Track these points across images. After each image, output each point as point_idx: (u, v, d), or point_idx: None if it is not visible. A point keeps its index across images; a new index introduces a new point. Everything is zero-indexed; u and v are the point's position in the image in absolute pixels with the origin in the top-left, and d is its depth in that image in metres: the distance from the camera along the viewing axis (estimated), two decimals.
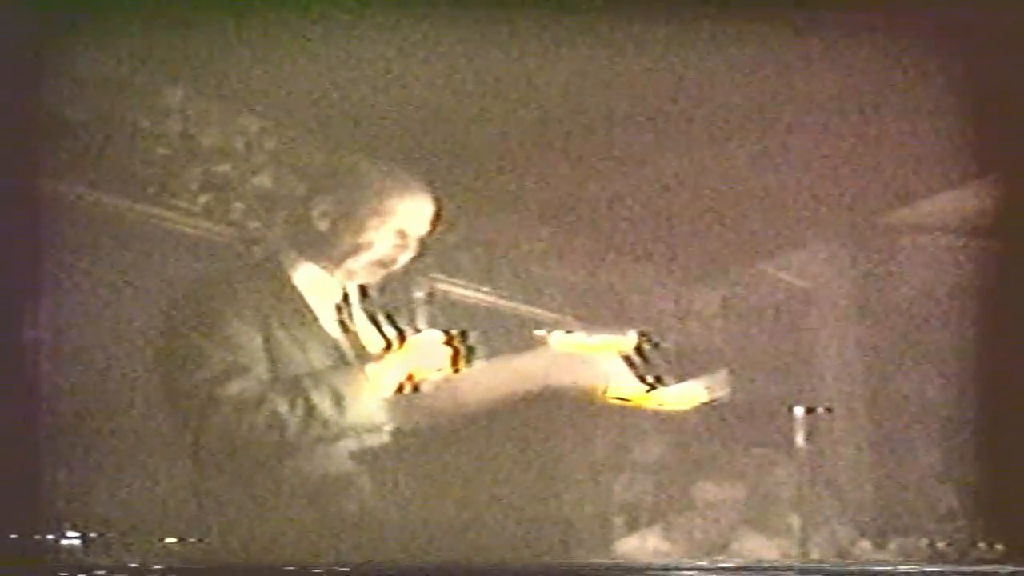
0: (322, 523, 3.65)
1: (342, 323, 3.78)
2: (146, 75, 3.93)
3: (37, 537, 3.67)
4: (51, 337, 3.76)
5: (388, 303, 3.85)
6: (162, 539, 3.74)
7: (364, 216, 3.77)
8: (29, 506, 3.66)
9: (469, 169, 4.20)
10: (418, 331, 3.80)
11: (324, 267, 3.79)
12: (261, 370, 3.61)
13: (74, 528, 3.71)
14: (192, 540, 3.70)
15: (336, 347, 3.73)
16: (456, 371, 3.75)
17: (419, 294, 3.83)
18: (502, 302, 4.34)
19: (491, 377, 3.74)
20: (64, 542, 3.71)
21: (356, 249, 3.77)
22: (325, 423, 3.62)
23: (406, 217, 3.80)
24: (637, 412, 3.85)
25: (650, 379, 3.84)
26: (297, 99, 4.05)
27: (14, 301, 3.73)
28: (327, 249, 3.78)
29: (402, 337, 3.80)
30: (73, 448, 3.75)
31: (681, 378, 3.87)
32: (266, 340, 3.64)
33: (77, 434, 3.76)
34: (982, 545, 4.16)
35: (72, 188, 3.85)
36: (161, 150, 3.96)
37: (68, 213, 3.83)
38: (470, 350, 3.75)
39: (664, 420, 3.97)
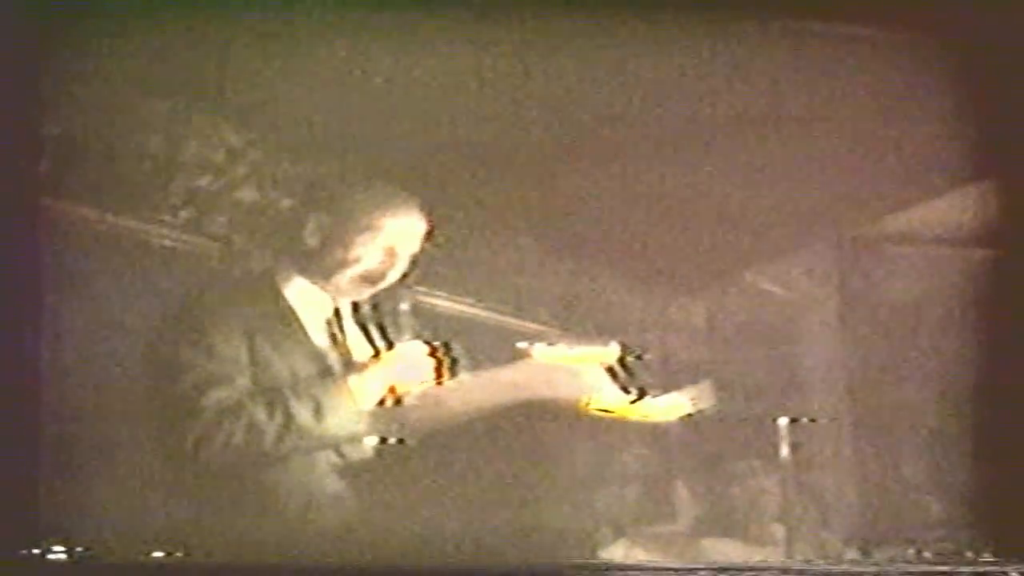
0: (308, 536, 3.64)
1: (332, 336, 3.78)
2: (128, 88, 3.92)
3: (23, 552, 3.66)
4: (42, 353, 3.76)
5: (378, 317, 3.84)
6: (148, 553, 3.73)
7: (353, 232, 3.77)
8: (14, 521, 3.65)
9: (451, 181, 4.19)
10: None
11: (314, 282, 3.79)
12: (244, 381, 3.62)
13: (60, 543, 3.70)
14: (179, 554, 3.69)
15: (322, 360, 3.74)
16: (439, 383, 3.75)
17: (404, 306, 3.83)
18: (484, 314, 4.33)
19: (474, 389, 3.74)
20: (50, 556, 3.69)
21: (343, 265, 3.78)
22: (309, 435, 3.62)
23: (395, 234, 3.80)
24: (621, 424, 3.84)
25: (633, 391, 3.83)
26: (281, 112, 4.04)
27: (6, 315, 3.73)
28: (316, 264, 3.79)
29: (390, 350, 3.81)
30: (60, 462, 3.75)
31: (665, 389, 3.86)
32: (252, 352, 3.65)
33: (63, 448, 3.75)
34: (969, 554, 4.15)
35: (63, 204, 3.85)
36: (143, 164, 3.95)
37: (61, 228, 3.83)
38: (453, 361, 3.75)
39: (648, 432, 3.97)
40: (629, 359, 3.88)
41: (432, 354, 3.76)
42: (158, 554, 3.72)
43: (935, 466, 4.40)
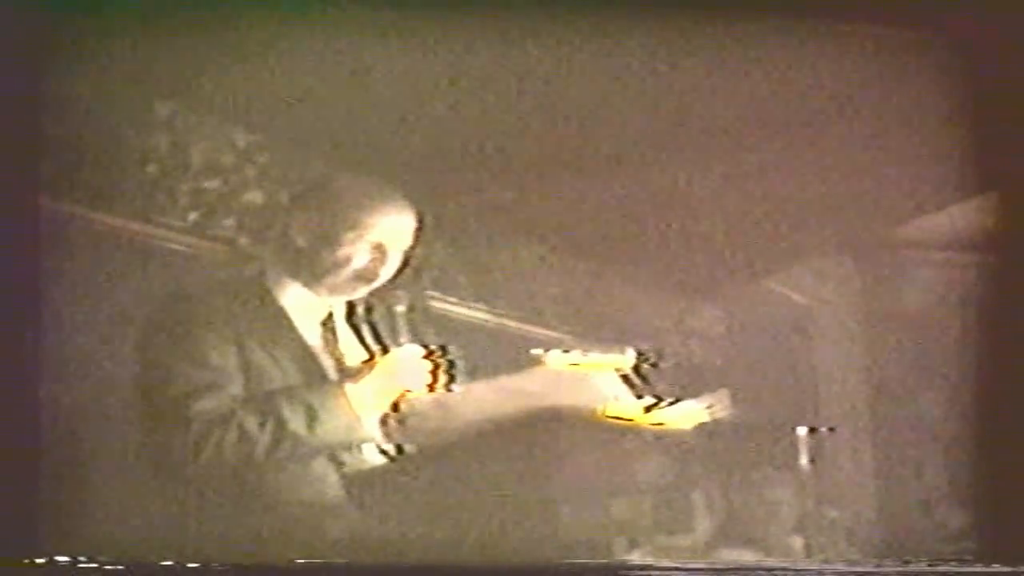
0: (312, 542, 3.61)
1: (326, 340, 3.75)
2: (134, 90, 3.90)
3: (26, 562, 3.63)
4: (43, 357, 3.73)
5: (375, 320, 3.81)
6: (153, 561, 3.69)
7: (340, 230, 3.74)
8: (16, 530, 3.63)
9: (464, 183, 4.17)
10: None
11: (305, 283, 3.76)
12: (236, 389, 3.59)
13: (63, 552, 3.67)
14: (192, 565, 3.66)
15: (318, 365, 3.70)
16: (446, 388, 3.71)
17: (400, 307, 3.79)
18: (497, 320, 4.30)
19: (486, 396, 3.71)
20: (54, 565, 3.66)
21: (334, 264, 3.74)
22: (305, 442, 3.58)
23: (384, 230, 3.76)
24: (636, 432, 3.81)
25: (649, 398, 3.80)
26: (287, 112, 4.02)
27: (6, 319, 3.70)
28: (307, 265, 3.75)
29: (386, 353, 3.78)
30: (62, 470, 3.72)
31: (681, 397, 3.83)
32: (245, 359, 3.62)
33: (65, 456, 3.73)
34: (988, 564, 4.10)
35: (65, 205, 3.82)
36: (150, 166, 3.94)
37: (62, 231, 3.80)
38: (451, 364, 3.72)
39: (664, 440, 3.93)
40: (645, 366, 3.84)
41: (428, 357, 3.73)
42: (165, 562, 3.68)
43: (955, 475, 4.37)
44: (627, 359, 3.85)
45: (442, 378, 3.73)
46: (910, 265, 4.65)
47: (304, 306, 3.76)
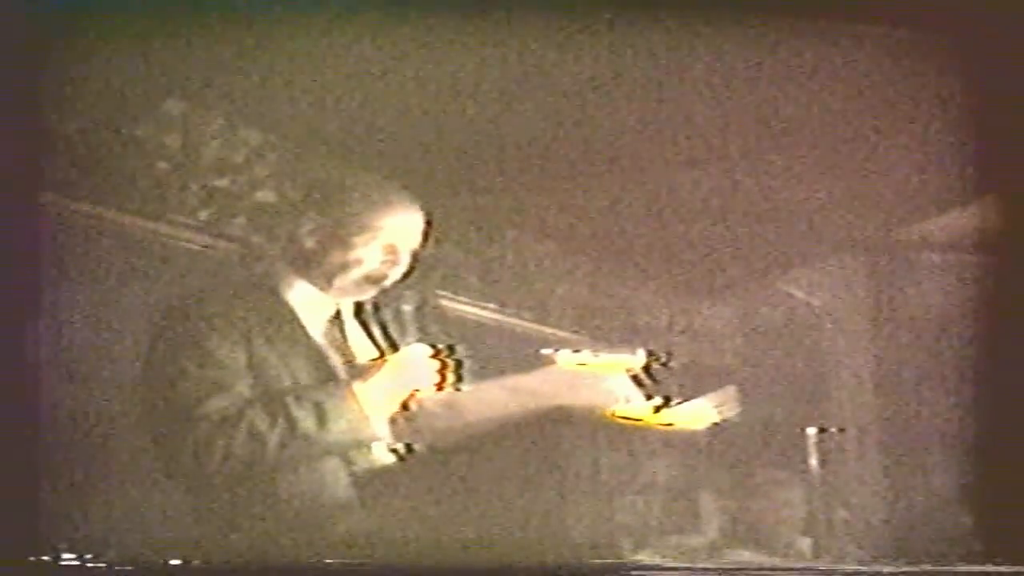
0: (321, 541, 3.60)
1: (335, 339, 3.73)
2: (146, 88, 3.90)
3: (32, 559, 3.62)
4: (48, 356, 3.72)
5: (383, 318, 3.80)
6: (165, 561, 3.68)
7: (351, 232, 3.72)
8: (23, 527, 3.61)
9: (474, 184, 4.16)
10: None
11: (315, 284, 3.74)
12: (245, 388, 3.57)
13: (70, 550, 3.65)
14: (196, 562, 3.64)
15: (327, 364, 3.69)
16: (455, 387, 3.70)
17: (407, 307, 3.77)
18: (508, 320, 4.29)
19: (496, 396, 3.69)
20: (61, 563, 3.64)
21: (345, 266, 3.72)
22: (314, 442, 3.57)
23: (395, 232, 3.74)
24: (645, 432, 3.79)
25: (659, 398, 3.79)
26: (298, 112, 4.02)
27: (11, 318, 3.69)
28: (316, 266, 3.73)
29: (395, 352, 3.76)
30: (71, 468, 3.71)
31: (691, 397, 3.81)
32: (254, 357, 3.60)
33: (74, 453, 3.72)
34: (996, 566, 4.10)
35: (71, 203, 3.82)
36: (161, 164, 3.93)
37: (67, 228, 3.80)
38: (458, 364, 3.70)
39: (673, 440, 3.92)
40: (655, 366, 3.82)
41: (437, 356, 3.71)
42: (173, 561, 3.67)
43: (964, 476, 4.37)
44: (637, 359, 3.82)
45: (451, 377, 3.71)
46: (918, 266, 4.65)
47: (312, 304, 3.74)
